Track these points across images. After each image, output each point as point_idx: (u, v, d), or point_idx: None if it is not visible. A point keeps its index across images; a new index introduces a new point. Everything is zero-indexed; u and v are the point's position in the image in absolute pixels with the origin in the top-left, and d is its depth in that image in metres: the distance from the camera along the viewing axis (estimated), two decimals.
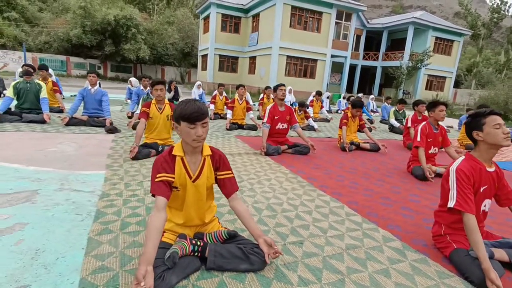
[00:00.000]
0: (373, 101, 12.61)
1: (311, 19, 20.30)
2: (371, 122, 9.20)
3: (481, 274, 1.67)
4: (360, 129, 5.47)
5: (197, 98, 10.54)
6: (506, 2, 20.52)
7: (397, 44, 24.98)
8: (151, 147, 3.84)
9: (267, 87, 9.04)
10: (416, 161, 3.98)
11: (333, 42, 20.98)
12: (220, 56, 23.74)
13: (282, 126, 4.64)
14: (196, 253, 1.65)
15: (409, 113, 6.73)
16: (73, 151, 3.81)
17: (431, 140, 3.94)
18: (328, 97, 11.69)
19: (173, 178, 1.67)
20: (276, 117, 4.56)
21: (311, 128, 7.13)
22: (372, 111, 12.18)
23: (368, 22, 25.23)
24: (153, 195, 1.63)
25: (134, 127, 5.46)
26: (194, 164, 1.76)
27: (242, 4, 22.72)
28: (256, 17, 22.26)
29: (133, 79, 9.73)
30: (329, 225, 2.34)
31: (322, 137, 6.45)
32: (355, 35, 24.28)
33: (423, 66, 22.26)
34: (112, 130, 5.08)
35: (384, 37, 25.42)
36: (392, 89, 24.34)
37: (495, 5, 21.21)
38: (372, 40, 27.28)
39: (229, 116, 6.47)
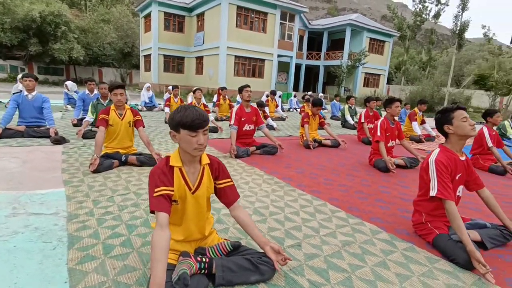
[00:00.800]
0: (323, 99, 13.26)
1: (256, 19, 20.57)
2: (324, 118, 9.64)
3: (466, 255, 1.84)
4: (321, 126, 5.68)
5: (147, 100, 9.99)
6: (427, 7, 23.27)
7: (336, 44, 26.61)
8: (113, 158, 3.50)
9: (223, 88, 8.92)
10: (377, 155, 4.26)
11: (279, 42, 21.55)
12: (165, 56, 22.83)
13: (249, 127, 4.61)
14: (203, 271, 1.54)
15: (360, 110, 7.20)
16: (17, 168, 3.31)
17: (389, 134, 4.24)
18: (280, 96, 11.95)
19: (173, 191, 1.54)
20: (243, 119, 4.51)
21: (271, 128, 7.21)
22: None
23: (309, 23, 26.43)
24: (152, 212, 1.49)
25: (84, 136, 4.95)
26: (193, 174, 1.64)
27: (185, 3, 22.11)
28: (201, 16, 21.85)
29: (69, 83, 8.84)
30: (319, 224, 2.37)
31: (283, 136, 6.57)
32: (299, 35, 25.25)
33: (361, 65, 24.05)
34: (59, 140, 4.54)
35: (324, 37, 26.87)
36: (335, 87, 25.89)
37: (417, 10, 23.89)
38: (313, 41, 28.67)
39: None
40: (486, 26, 25.90)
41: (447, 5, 23.93)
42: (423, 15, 24.30)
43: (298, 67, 26.72)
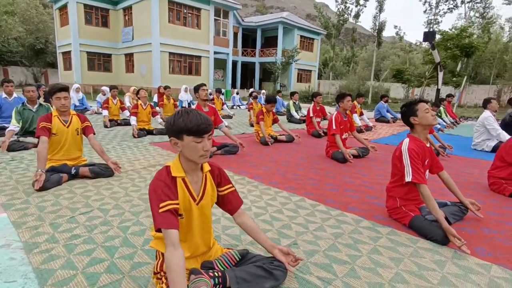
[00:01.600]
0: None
1: (190, 15, 19.98)
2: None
3: (442, 232, 2.06)
4: (274, 122, 5.78)
5: (77, 103, 8.96)
6: (348, 7, 25.53)
7: (270, 41, 27.38)
8: (60, 171, 3.04)
9: (166, 87, 8.45)
10: (333, 147, 4.51)
11: (215, 39, 21.30)
12: (88, 53, 20.74)
13: None
14: (217, 286, 1.43)
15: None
16: None
17: (342, 127, 4.52)
18: (237, 93, 11.91)
19: (178, 204, 1.39)
20: None
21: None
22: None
23: (243, 20, 26.63)
24: (158, 230, 1.32)
25: (10, 149, 4.22)
26: (196, 183, 1.50)
27: None
28: (128, 10, 20.34)
29: None
30: (305, 219, 2.41)
31: (236, 134, 6.52)
32: (233, 32, 25.28)
33: (294, 62, 25.18)
34: None
35: (258, 35, 27.41)
36: (271, 83, 26.65)
37: (340, 10, 26.05)
38: (248, 38, 29.03)
39: (133, 122, 5.75)
40: (397, 26, 29.40)
41: (365, 7, 26.44)
42: (345, 15, 26.54)
43: (234, 64, 26.78)
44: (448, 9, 22.79)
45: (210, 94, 9.45)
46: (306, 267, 1.76)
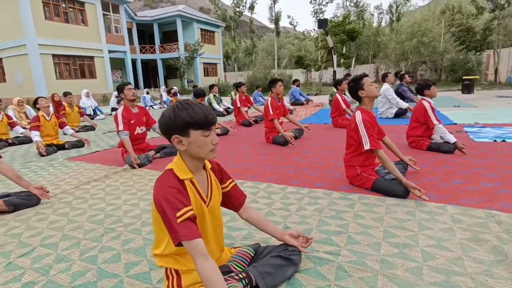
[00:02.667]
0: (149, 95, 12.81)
1: (71, 10, 17.46)
2: None
3: (403, 187, 2.34)
4: None
5: None
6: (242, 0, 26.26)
7: (170, 36, 26.13)
8: None
9: (67, 93, 7.24)
10: (273, 132, 4.63)
11: (107, 36, 19.21)
12: None
13: (141, 129, 4.02)
14: (246, 287, 1.32)
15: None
16: None
17: (278, 112, 4.67)
18: (147, 93, 10.97)
19: (193, 210, 1.21)
20: (132, 121, 3.87)
21: None
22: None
23: (135, 15, 24.68)
24: (179, 245, 1.14)
25: None
26: (203, 183, 1.34)
27: None
28: None
29: None
30: (282, 203, 2.42)
31: None
32: (127, 28, 23.21)
33: (198, 56, 24.69)
34: None
35: (155, 30, 25.83)
36: (177, 80, 25.63)
37: (235, 2, 26.57)
38: (144, 33, 27.10)
39: (37, 138, 4.76)
40: (290, 16, 31.70)
41: None
42: (241, 7, 27.25)
43: (133, 62, 24.71)
44: None
45: (148, 92, 8.51)
46: (310, 246, 1.77)
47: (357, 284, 1.44)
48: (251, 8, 29.19)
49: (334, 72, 15.21)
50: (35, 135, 4.73)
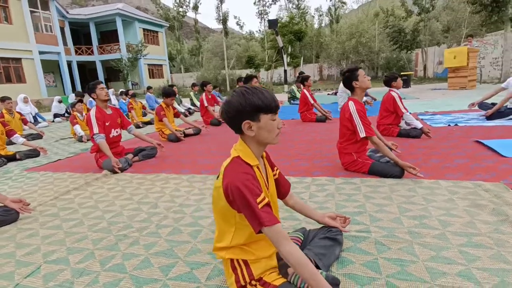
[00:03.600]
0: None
1: None
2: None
3: (398, 168, 2.56)
4: (176, 116, 5.38)
5: None
6: None
7: (109, 36, 24.45)
8: None
9: (4, 98, 6.35)
10: None
11: (37, 36, 17.26)
12: None
13: (116, 132, 3.72)
14: None
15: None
16: None
17: None
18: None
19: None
20: (107, 123, 3.57)
21: None
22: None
23: (68, 13, 22.55)
24: (259, 232, 1.12)
25: None
26: (263, 169, 1.33)
27: None
28: None
29: None
30: (302, 195, 2.42)
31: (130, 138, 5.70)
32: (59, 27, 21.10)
33: (142, 57, 23.48)
34: None
35: (92, 29, 23.92)
36: (120, 82, 24.06)
37: (178, 1, 25.81)
38: (78, 33, 24.92)
39: None
40: (237, 17, 31.93)
41: None
42: (184, 7, 26.59)
43: (68, 65, 22.56)
44: (272, 0, 26.36)
45: (59, 101, 7.72)
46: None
47: (399, 254, 1.55)
48: (195, 8, 28.63)
49: (285, 71, 15.73)
50: None
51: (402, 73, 12.51)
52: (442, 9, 15.33)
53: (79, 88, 23.64)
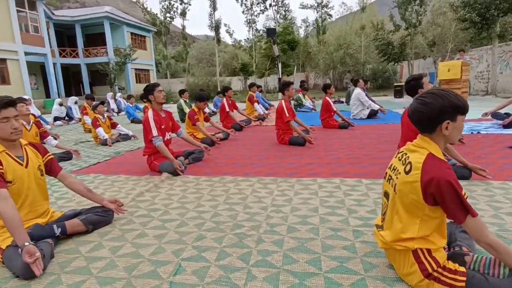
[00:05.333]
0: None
1: None
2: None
3: (468, 171, 2.76)
4: (206, 121, 5.39)
5: None
6: (173, 5, 25.54)
7: (95, 39, 23.79)
8: (40, 236, 1.86)
9: (22, 99, 6.06)
10: (287, 133, 4.77)
11: (23, 36, 16.54)
12: None
13: (169, 135, 3.71)
14: None
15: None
16: None
17: (290, 113, 4.82)
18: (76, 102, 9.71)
19: None
20: (162, 126, 3.55)
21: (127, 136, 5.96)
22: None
23: (53, 14, 21.78)
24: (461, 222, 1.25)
25: None
26: None
27: None
28: None
29: None
30: (345, 194, 2.60)
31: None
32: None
33: (131, 61, 23.01)
34: None
35: (78, 32, 23.21)
36: (106, 87, 23.39)
37: (165, 7, 25.67)
38: (62, 35, 24.07)
39: None
40: (227, 25, 32.20)
41: (190, 4, 27.27)
42: (172, 12, 26.48)
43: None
44: (261, 10, 26.82)
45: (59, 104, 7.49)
46: None
47: None
48: (183, 14, 28.57)
49: (279, 79, 15.99)
50: None
51: (396, 84, 13.17)
52: (429, 24, 16.33)
53: (62, 90, 22.74)
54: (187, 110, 8.13)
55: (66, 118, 9.43)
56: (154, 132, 3.40)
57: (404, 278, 1.44)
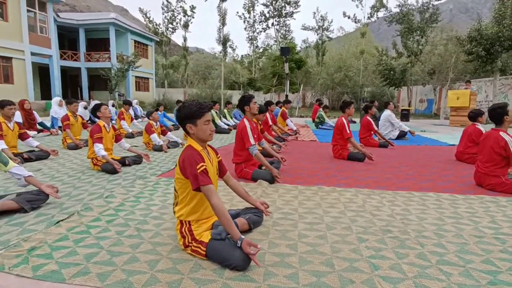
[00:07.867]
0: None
1: None
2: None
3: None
4: (262, 132, 5.58)
5: None
6: (176, 16, 25.93)
7: (98, 44, 23.64)
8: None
9: (72, 101, 6.06)
10: (345, 149, 5.06)
11: (31, 36, 16.27)
12: None
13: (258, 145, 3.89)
14: None
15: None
16: None
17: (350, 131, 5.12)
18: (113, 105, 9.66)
19: None
20: (255, 136, 3.74)
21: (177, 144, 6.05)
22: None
23: (58, 16, 21.55)
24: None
25: None
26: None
27: None
28: None
29: None
30: (439, 213, 2.88)
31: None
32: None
33: (134, 68, 22.92)
34: None
35: (81, 35, 23.00)
36: (105, 92, 23.11)
37: (168, 17, 26.07)
38: (64, 38, 23.77)
39: (102, 153, 3.99)
40: (230, 40, 33.02)
41: (193, 17, 27.80)
42: (175, 24, 26.84)
43: (48, 69, 21.26)
44: (262, 28, 27.71)
45: (113, 105, 7.52)
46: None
47: None
48: (185, 26, 28.99)
49: (286, 96, 16.50)
50: (100, 148, 3.96)
51: (402, 108, 13.90)
52: (431, 54, 17.49)
53: (60, 93, 22.21)
54: (218, 120, 8.33)
55: (89, 122, 9.32)
56: (252, 140, 3.58)
57: None
